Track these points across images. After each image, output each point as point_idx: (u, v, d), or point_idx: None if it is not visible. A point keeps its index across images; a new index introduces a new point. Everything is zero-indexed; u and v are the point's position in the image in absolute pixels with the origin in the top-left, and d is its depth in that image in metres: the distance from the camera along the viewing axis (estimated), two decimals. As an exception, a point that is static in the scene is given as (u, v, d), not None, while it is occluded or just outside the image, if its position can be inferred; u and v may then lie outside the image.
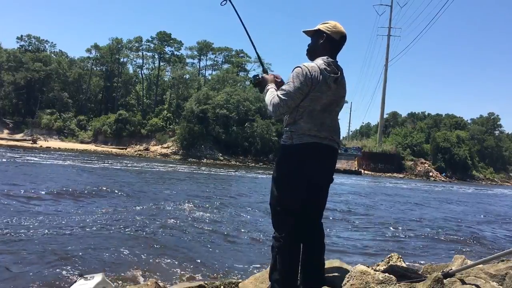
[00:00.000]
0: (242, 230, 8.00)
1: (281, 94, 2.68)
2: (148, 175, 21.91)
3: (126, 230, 6.99)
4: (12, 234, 6.11)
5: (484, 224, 12.32)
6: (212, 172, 28.98)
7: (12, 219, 7.06)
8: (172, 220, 8.31)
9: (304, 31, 2.91)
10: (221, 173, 29.18)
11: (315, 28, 2.84)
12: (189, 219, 8.64)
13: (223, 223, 8.61)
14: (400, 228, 9.96)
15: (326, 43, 2.77)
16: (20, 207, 8.33)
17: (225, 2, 3.29)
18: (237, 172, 31.91)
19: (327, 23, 2.82)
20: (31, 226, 6.70)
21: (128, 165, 28.45)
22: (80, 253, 5.37)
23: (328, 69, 2.67)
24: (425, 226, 10.74)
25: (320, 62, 2.69)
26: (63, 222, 7.23)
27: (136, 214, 8.62)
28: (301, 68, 2.66)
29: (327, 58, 2.72)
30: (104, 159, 32.49)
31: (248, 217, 9.84)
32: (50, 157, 29.27)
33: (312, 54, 2.83)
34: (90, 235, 6.46)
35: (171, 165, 33.82)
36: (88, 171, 21.02)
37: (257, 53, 3.26)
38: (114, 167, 25.45)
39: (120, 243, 6.13)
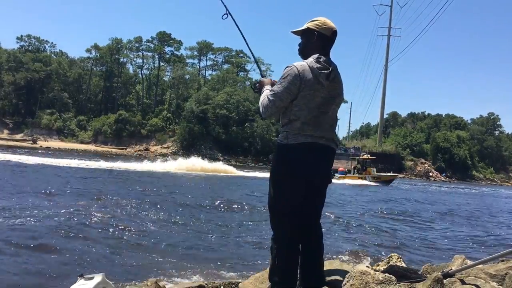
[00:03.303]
0: (242, 230, 8.00)
1: (269, 95, 2.69)
2: (148, 175, 21.91)
3: (126, 230, 6.99)
4: (12, 233, 6.11)
5: (483, 224, 12.32)
6: (211, 173, 28.97)
7: (11, 219, 7.05)
8: (172, 220, 8.32)
9: (292, 32, 2.89)
10: (220, 174, 29.18)
11: (303, 28, 2.81)
12: (189, 219, 8.64)
13: (222, 223, 8.61)
14: (400, 228, 9.96)
15: (317, 41, 2.75)
16: (20, 207, 8.33)
17: (226, 16, 3.40)
18: (236, 172, 31.87)
19: (316, 20, 2.78)
20: (30, 226, 6.70)
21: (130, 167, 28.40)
22: (80, 253, 5.37)
23: (319, 66, 2.65)
24: (425, 226, 10.74)
25: (310, 60, 2.68)
26: (63, 222, 7.22)
27: (136, 215, 8.62)
28: (290, 67, 2.66)
29: (318, 55, 2.69)
30: (104, 158, 32.48)
31: (248, 217, 9.84)
32: (51, 156, 29.25)
33: (304, 53, 2.81)
34: (90, 235, 6.46)
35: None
36: (89, 172, 21.05)
37: (256, 61, 3.53)
38: (116, 168, 25.44)
39: (120, 243, 6.14)
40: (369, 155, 41.27)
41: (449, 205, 18.41)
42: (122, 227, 7.18)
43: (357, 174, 38.05)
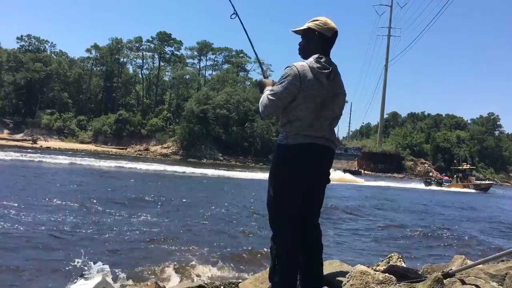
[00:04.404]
0: (242, 231, 8.00)
1: (269, 95, 2.68)
2: (148, 176, 21.92)
3: (126, 231, 7.00)
4: (13, 233, 6.11)
5: (483, 224, 12.32)
6: (210, 175, 28.97)
7: (12, 218, 7.05)
8: (171, 221, 8.32)
9: (293, 31, 2.87)
10: (220, 174, 29.19)
11: (304, 27, 2.80)
12: (188, 220, 8.64)
13: (222, 223, 8.61)
14: (400, 228, 9.96)
15: (318, 41, 2.74)
16: (21, 206, 8.33)
17: (234, 16, 3.40)
18: (236, 173, 31.87)
19: (317, 20, 2.76)
20: (31, 226, 6.70)
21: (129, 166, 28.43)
22: (80, 253, 5.36)
23: (319, 66, 2.64)
24: (425, 226, 10.73)
25: (310, 60, 2.67)
26: (63, 222, 7.23)
27: (135, 215, 8.62)
28: (290, 67, 2.65)
29: (318, 55, 2.69)
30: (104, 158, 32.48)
31: (248, 217, 9.84)
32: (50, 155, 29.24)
33: (304, 53, 2.80)
34: (90, 235, 6.47)
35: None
36: (89, 172, 21.05)
37: (259, 62, 3.60)
38: (114, 168, 25.45)
39: (120, 243, 6.14)
40: (469, 165, 46.89)
41: (449, 205, 18.41)
42: (122, 228, 7.18)
43: (460, 183, 42.84)
